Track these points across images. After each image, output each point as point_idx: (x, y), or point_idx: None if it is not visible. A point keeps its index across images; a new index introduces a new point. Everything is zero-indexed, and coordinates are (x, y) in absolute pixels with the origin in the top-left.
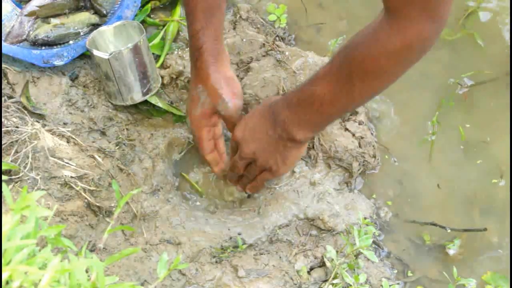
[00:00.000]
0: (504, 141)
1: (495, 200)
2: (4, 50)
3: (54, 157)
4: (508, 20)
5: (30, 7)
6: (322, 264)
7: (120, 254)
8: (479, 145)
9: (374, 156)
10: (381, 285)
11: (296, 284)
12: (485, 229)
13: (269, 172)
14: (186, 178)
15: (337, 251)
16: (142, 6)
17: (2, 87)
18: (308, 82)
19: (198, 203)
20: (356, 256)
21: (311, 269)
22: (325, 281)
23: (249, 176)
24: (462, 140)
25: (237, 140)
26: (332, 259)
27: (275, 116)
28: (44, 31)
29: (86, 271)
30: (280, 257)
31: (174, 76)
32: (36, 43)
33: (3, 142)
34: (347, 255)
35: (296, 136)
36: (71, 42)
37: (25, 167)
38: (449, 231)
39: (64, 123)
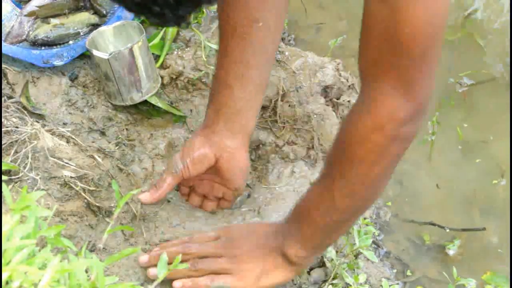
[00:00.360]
0: (504, 141)
1: (495, 200)
2: (4, 50)
3: (54, 157)
4: (508, 20)
5: (30, 7)
6: (322, 264)
7: (120, 254)
8: (478, 145)
9: None
10: (381, 285)
11: (296, 284)
12: (484, 229)
13: (231, 277)
14: None
15: (336, 251)
16: None
17: (2, 87)
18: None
19: None
20: (356, 256)
21: (311, 269)
22: (325, 281)
23: (196, 269)
24: (462, 140)
25: (228, 234)
26: (332, 259)
27: (279, 228)
28: (43, 31)
29: (86, 271)
30: None
31: (174, 76)
32: (36, 43)
33: (3, 142)
34: (346, 255)
35: (287, 251)
36: (71, 42)
37: (25, 167)
38: (447, 230)
39: (64, 123)
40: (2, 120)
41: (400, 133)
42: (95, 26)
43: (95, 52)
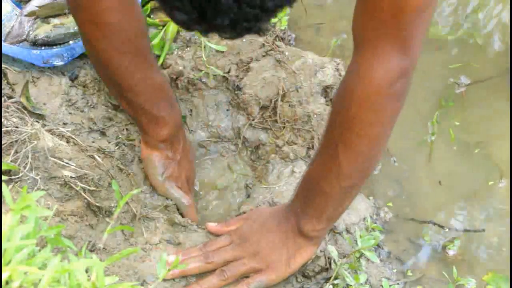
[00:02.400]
0: (503, 141)
1: (495, 200)
2: (4, 50)
3: (54, 157)
4: (508, 20)
5: (30, 7)
6: (323, 265)
7: (120, 254)
8: (478, 145)
9: None
10: (381, 285)
11: (299, 282)
12: (483, 230)
13: (263, 273)
14: None
15: (337, 251)
16: (142, 6)
17: (2, 87)
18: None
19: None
20: (359, 257)
21: (313, 269)
22: (327, 281)
23: (225, 277)
24: (461, 140)
25: (241, 234)
26: (334, 260)
27: (289, 210)
28: (44, 31)
29: (86, 271)
30: None
31: (174, 76)
32: (36, 43)
33: (3, 142)
34: (348, 256)
35: (304, 227)
36: (71, 42)
37: (25, 167)
38: (447, 230)
39: (64, 123)
40: (2, 120)
41: (395, 90)
42: None
43: None
